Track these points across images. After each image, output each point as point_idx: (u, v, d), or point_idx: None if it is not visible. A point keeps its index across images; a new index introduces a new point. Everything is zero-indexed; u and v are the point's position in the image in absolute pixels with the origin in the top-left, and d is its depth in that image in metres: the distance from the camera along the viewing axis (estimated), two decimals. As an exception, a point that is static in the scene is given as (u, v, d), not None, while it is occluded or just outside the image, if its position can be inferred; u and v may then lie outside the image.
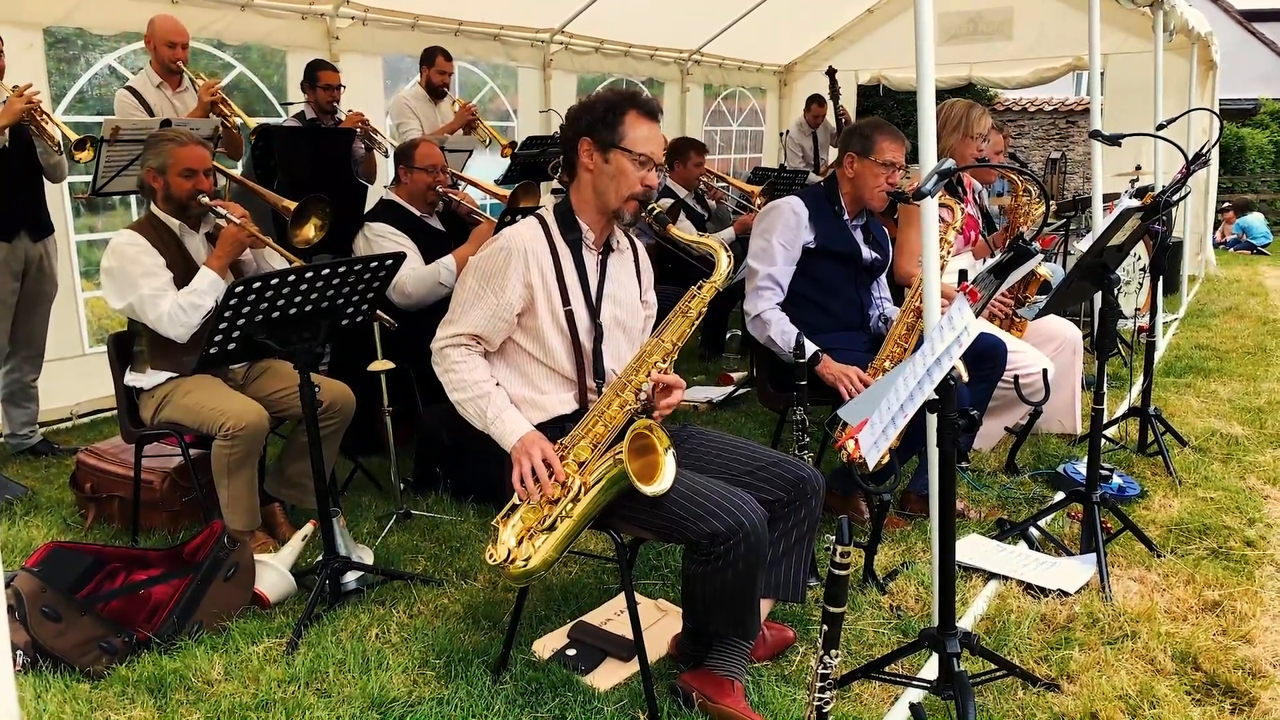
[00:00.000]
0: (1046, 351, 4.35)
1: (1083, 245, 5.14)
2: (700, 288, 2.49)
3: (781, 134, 9.39)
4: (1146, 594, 3.06)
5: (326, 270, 2.90)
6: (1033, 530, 3.50)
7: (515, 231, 2.58)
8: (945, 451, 2.28)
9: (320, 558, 3.14)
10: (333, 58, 6.50)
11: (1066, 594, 3.06)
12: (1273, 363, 6.30)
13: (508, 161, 6.40)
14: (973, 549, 3.40)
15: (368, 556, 3.39)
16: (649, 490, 2.35)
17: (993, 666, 2.54)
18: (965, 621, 2.94)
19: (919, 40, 2.51)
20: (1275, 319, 7.93)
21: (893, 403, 1.99)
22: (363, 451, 4.33)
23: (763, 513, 2.39)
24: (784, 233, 3.54)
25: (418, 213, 4.45)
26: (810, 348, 3.37)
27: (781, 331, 3.49)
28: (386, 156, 6.07)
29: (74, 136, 4.24)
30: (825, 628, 1.80)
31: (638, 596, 3.12)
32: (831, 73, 9.15)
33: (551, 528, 2.42)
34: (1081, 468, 3.99)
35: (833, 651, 1.80)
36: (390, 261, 3.06)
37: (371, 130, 5.98)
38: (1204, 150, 4.35)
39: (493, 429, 2.54)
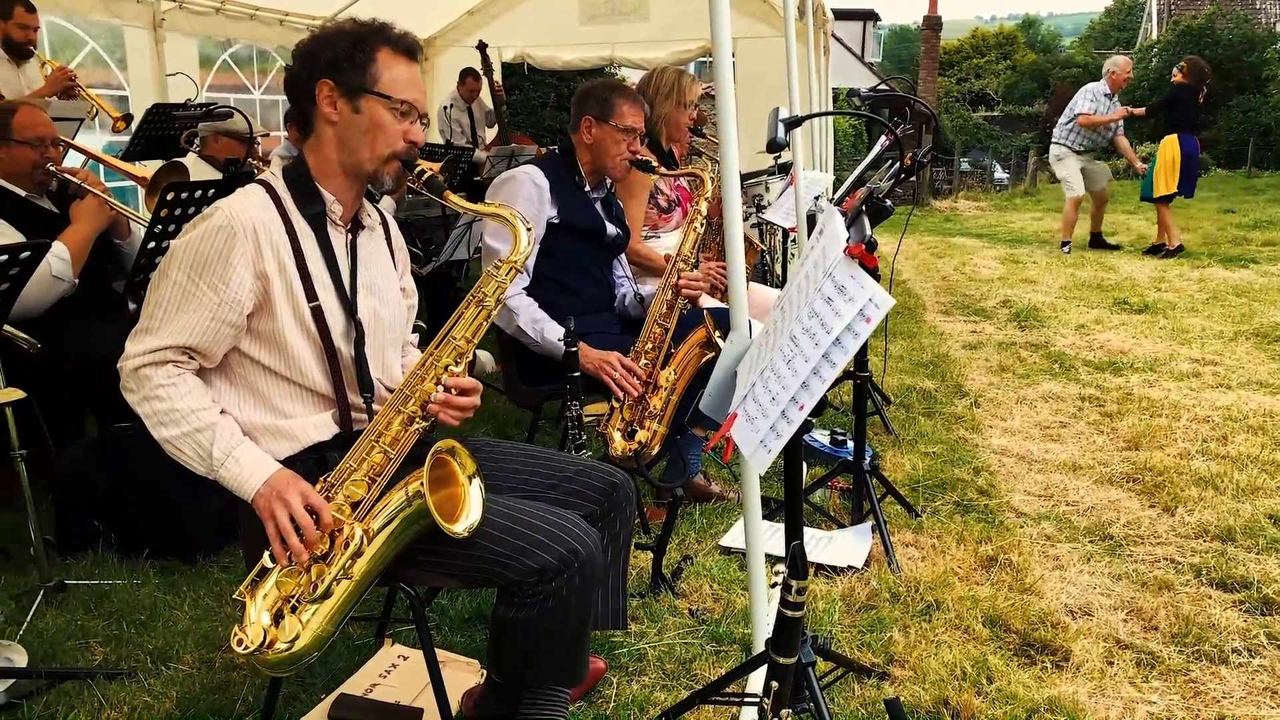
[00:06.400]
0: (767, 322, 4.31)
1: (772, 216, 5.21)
2: (497, 269, 2.00)
3: (445, 108, 8.81)
4: (929, 559, 3.05)
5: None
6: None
7: (237, 204, 1.92)
8: (794, 443, 2.02)
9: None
10: None
11: (857, 570, 2.96)
12: (918, 320, 6.90)
13: (122, 136, 5.32)
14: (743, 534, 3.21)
15: (19, 656, 2.50)
16: (459, 528, 1.86)
17: (829, 666, 2.34)
18: (769, 615, 2.73)
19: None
20: (901, 280, 8.77)
21: (777, 391, 1.67)
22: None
23: (595, 533, 1.99)
24: (526, 207, 3.10)
25: (22, 193, 3.45)
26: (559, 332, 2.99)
27: (533, 320, 3.07)
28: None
29: None
30: (775, 685, 1.44)
31: (405, 650, 2.59)
32: (482, 47, 8.75)
33: (326, 594, 1.84)
34: (820, 436, 3.98)
35: (784, 712, 1.46)
36: (27, 254, 2.23)
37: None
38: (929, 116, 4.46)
39: (223, 473, 1.89)
